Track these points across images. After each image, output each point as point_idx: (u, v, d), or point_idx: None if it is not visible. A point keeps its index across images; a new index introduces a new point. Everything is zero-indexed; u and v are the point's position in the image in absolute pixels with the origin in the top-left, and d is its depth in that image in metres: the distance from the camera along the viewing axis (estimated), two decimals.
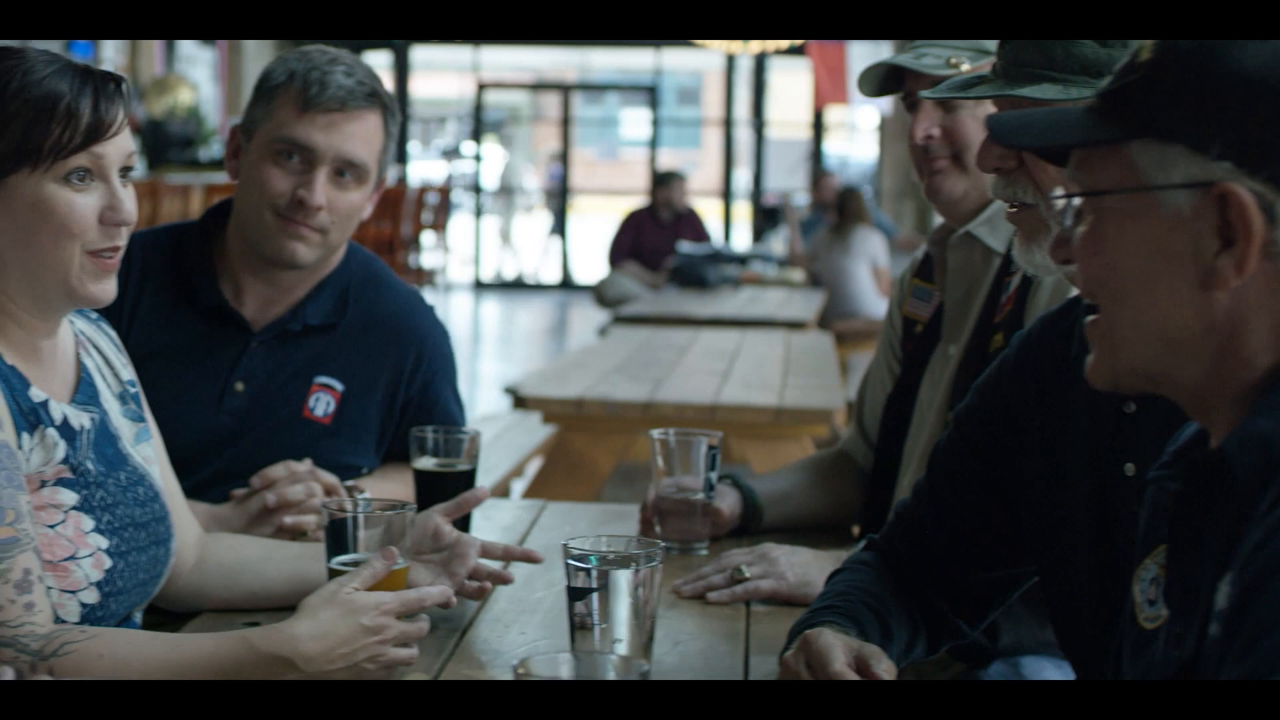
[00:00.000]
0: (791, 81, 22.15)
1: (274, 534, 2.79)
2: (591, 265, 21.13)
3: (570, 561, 2.14)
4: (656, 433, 2.96)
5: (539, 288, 22.61)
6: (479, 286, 22.26)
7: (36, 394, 2.26)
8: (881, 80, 3.02)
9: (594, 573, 2.12)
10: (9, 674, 1.85)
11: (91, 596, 2.25)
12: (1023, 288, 2.83)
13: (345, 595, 2.12)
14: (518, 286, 22.75)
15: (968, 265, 2.99)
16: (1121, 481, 2.12)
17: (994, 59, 2.84)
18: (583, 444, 5.47)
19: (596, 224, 23.37)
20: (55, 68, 2.24)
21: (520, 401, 5.59)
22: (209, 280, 3.04)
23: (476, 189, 23.22)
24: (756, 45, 16.91)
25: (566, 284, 22.44)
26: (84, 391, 2.38)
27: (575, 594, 2.13)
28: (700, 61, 25.89)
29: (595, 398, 5.34)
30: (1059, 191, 1.72)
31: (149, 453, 2.48)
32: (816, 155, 21.19)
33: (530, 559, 2.59)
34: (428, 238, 18.39)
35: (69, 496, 2.26)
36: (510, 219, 25.39)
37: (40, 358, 2.32)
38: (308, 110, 2.96)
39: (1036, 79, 2.29)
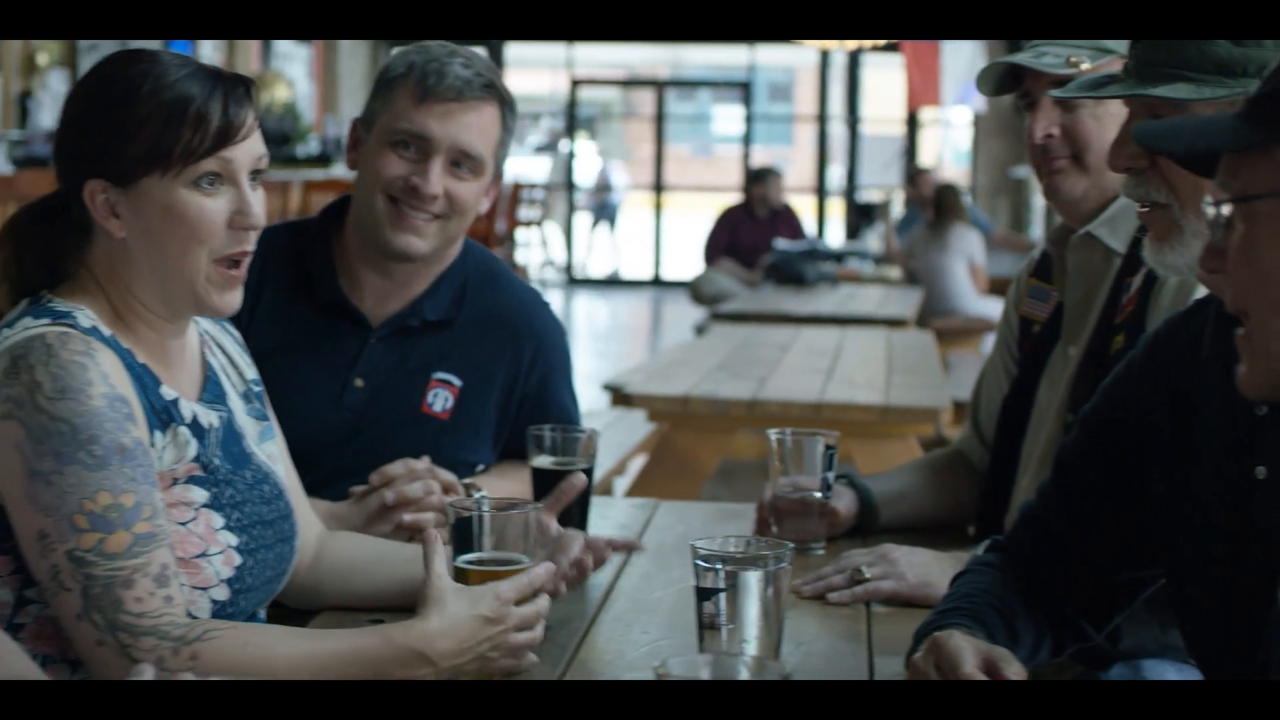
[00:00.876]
0: (886, 78, 22.05)
1: (393, 531, 2.80)
2: (685, 261, 21.11)
3: (699, 562, 2.13)
4: (773, 432, 2.95)
5: (631, 284, 22.61)
6: (572, 282, 22.30)
7: (167, 392, 2.29)
8: (999, 79, 3.00)
9: (723, 573, 2.12)
10: (149, 672, 1.86)
11: (222, 593, 2.28)
12: (1144, 288, 2.80)
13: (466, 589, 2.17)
14: (610, 283, 22.77)
15: (1088, 266, 2.97)
16: (1253, 485, 2.10)
17: (1114, 56, 2.84)
18: (687, 442, 5.47)
19: (690, 220, 23.35)
20: (187, 71, 2.26)
21: (622, 398, 5.59)
22: (328, 276, 3.06)
23: (570, 186, 23.27)
24: (853, 43, 16.85)
25: (658, 281, 22.45)
26: (211, 390, 2.40)
27: (703, 594, 2.13)
28: (793, 58, 25.80)
29: (700, 395, 5.33)
30: (1209, 199, 1.70)
31: (273, 450, 2.50)
32: (911, 152, 21.09)
33: (633, 547, 2.61)
34: (522, 234, 18.45)
35: (199, 494, 2.28)
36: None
37: (169, 357, 2.34)
38: (425, 100, 2.98)
39: (1169, 78, 2.26)
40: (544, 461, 2.87)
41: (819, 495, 2.92)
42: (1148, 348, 2.28)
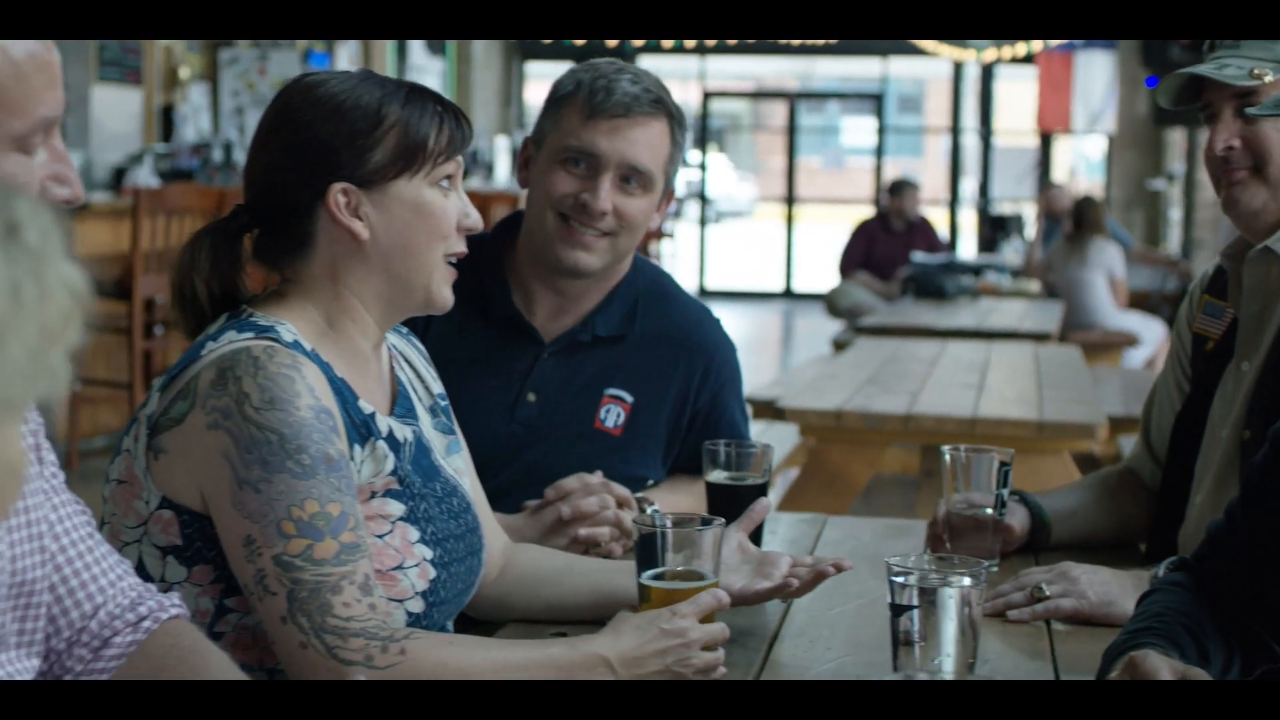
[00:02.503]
0: (1019, 89, 21.91)
1: (568, 546, 2.81)
2: (816, 273, 21.09)
3: (894, 578, 2.13)
4: (947, 448, 2.93)
5: (762, 296, 22.59)
6: (703, 294, 22.33)
7: (365, 406, 2.32)
8: (1179, 90, 2.97)
9: (918, 589, 2.11)
10: (361, 674, 1.89)
11: (417, 606, 2.30)
12: None
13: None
14: (741, 296, 22.75)
15: (1265, 280, 2.93)
16: None
17: None
18: (839, 456, 5.46)
19: (820, 233, 23.32)
20: (401, 85, 2.35)
21: (773, 412, 5.59)
22: (501, 290, 3.08)
23: (702, 198, 23.29)
24: (991, 53, 16.74)
25: (789, 293, 22.41)
26: (401, 404, 2.43)
27: (898, 610, 2.12)
28: (922, 69, 25.74)
29: (854, 410, 5.32)
30: None
31: (459, 464, 2.53)
32: (1044, 164, 20.93)
33: (839, 568, 2.57)
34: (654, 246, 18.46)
35: (396, 507, 2.31)
36: None
37: (366, 371, 2.38)
38: (593, 117, 2.99)
39: None
40: (718, 476, 2.87)
41: (992, 512, 2.90)
42: None
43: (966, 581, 2.12)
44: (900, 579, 2.12)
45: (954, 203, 21.82)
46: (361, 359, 2.38)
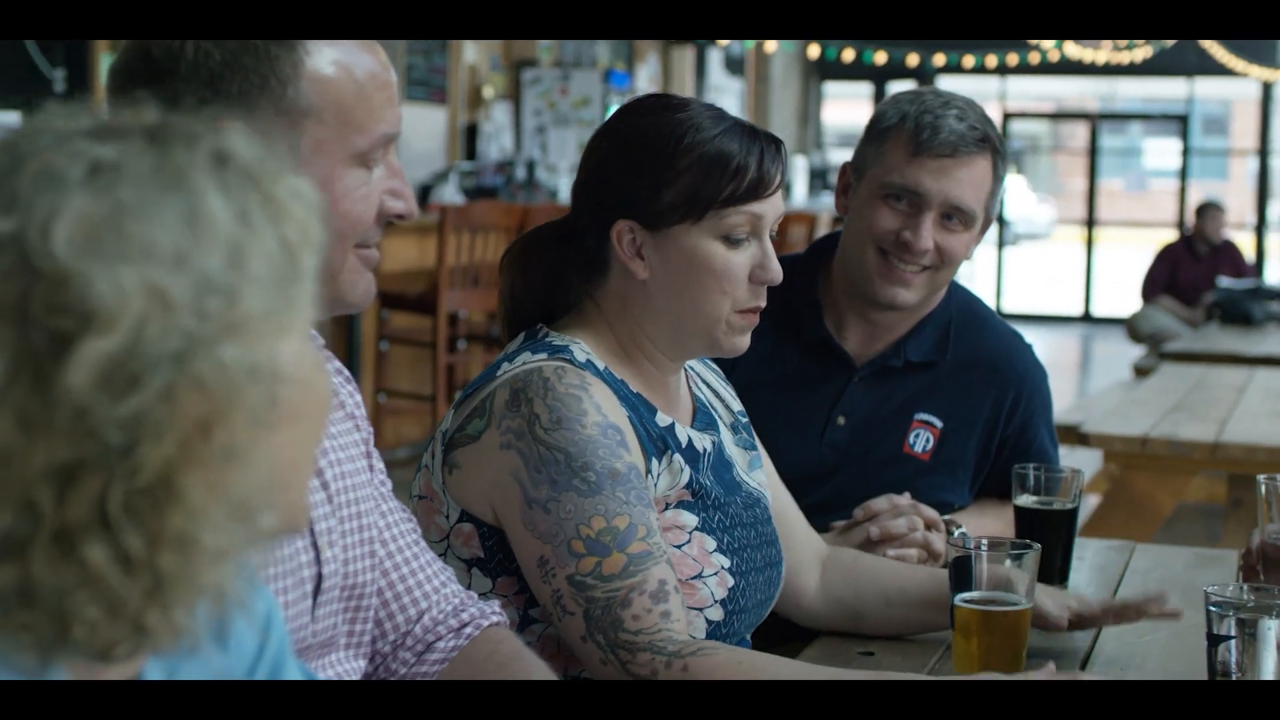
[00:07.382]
0: None
1: None
2: (1116, 298, 20.73)
3: (1211, 608, 2.11)
4: (1263, 477, 2.88)
5: (1061, 320, 22.27)
6: (1000, 317, 22.00)
7: (663, 419, 2.37)
8: None
9: (1236, 620, 2.09)
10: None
11: (717, 614, 2.34)
12: None
13: None
14: (1039, 319, 22.45)
15: None
16: None
17: None
18: (1144, 483, 5.38)
19: (1122, 256, 22.93)
20: (725, 125, 2.32)
21: (1077, 437, 5.52)
22: (814, 315, 3.10)
23: (1000, 220, 23.03)
24: None
25: (1088, 317, 22.07)
26: (701, 418, 2.47)
27: (1216, 640, 2.10)
28: (1229, 90, 25.14)
29: (1160, 436, 5.23)
30: None
31: (762, 478, 2.56)
32: None
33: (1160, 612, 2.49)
34: None
35: (690, 519, 2.35)
36: None
37: (666, 390, 2.43)
38: (918, 155, 2.98)
39: None
40: (1027, 500, 2.86)
41: None
42: None
43: None
44: (1219, 609, 2.10)
45: (1261, 226, 21.28)
46: (659, 382, 2.43)
